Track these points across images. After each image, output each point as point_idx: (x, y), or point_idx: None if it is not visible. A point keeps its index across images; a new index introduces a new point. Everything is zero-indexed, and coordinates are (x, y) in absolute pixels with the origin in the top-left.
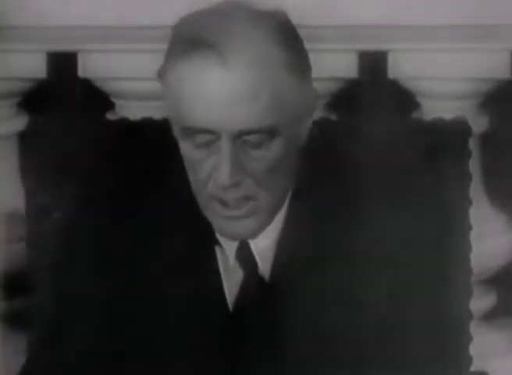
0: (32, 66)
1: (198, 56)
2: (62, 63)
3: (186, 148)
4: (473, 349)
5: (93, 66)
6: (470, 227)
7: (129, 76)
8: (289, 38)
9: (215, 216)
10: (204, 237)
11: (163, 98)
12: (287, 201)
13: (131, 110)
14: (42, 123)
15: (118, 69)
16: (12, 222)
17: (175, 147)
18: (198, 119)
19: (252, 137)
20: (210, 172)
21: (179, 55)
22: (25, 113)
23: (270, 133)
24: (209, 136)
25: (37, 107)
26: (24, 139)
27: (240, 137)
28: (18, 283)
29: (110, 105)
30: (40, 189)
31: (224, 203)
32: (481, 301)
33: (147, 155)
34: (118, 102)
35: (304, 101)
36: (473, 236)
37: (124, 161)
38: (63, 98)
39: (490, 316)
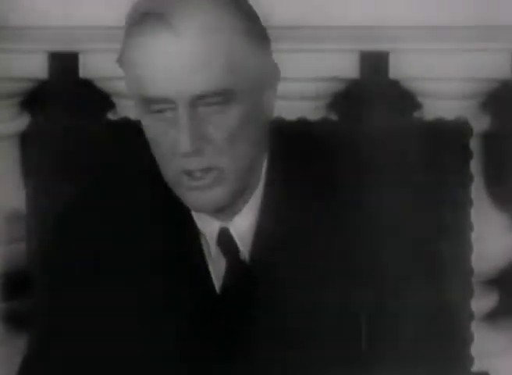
0: (33, 66)
1: (148, 27)
2: (63, 63)
3: (146, 123)
4: (474, 349)
5: (94, 66)
6: (471, 228)
7: None
8: (241, 5)
9: (183, 189)
10: (188, 225)
11: (125, 81)
12: (263, 181)
13: (132, 110)
14: (43, 124)
15: (118, 69)
16: (12, 222)
17: None
18: (154, 89)
19: (208, 101)
20: (172, 144)
21: (131, 31)
22: (26, 113)
23: (226, 97)
24: (167, 105)
25: (38, 107)
26: (25, 139)
27: (196, 104)
28: (18, 283)
29: (111, 106)
30: (40, 189)
31: (189, 173)
32: (482, 302)
33: (147, 154)
34: (119, 102)
35: (262, 69)
36: (474, 236)
37: (125, 160)
38: (64, 98)
39: (491, 317)
